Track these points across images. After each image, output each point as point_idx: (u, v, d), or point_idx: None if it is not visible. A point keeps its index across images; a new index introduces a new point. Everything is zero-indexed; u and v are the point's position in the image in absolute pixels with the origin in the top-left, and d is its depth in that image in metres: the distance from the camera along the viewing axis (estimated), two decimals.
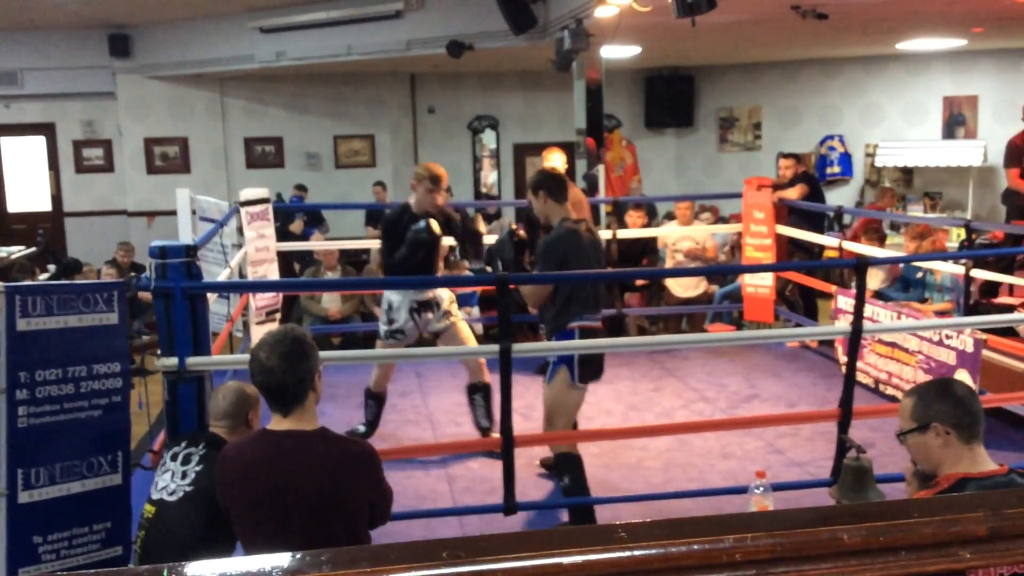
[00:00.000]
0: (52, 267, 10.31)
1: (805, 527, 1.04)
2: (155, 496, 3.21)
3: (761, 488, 3.47)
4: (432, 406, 6.44)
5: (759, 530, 1.05)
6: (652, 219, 9.92)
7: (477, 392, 5.59)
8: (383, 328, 5.47)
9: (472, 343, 5.63)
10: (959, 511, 1.02)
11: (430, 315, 5.43)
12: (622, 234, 8.14)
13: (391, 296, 5.43)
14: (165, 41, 11.84)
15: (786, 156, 8.81)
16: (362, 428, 5.71)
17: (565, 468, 4.47)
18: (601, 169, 9.28)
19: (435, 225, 5.19)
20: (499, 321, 4.13)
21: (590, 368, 4.52)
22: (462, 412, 6.28)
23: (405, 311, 5.38)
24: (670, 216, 9.68)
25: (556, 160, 6.56)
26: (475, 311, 8.87)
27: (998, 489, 2.29)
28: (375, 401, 5.70)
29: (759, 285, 8.02)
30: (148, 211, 12.43)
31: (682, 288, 8.58)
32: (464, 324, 5.65)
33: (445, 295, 5.53)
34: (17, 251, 10.50)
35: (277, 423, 2.63)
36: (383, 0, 9.93)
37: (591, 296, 4.48)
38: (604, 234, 8.18)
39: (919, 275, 7.31)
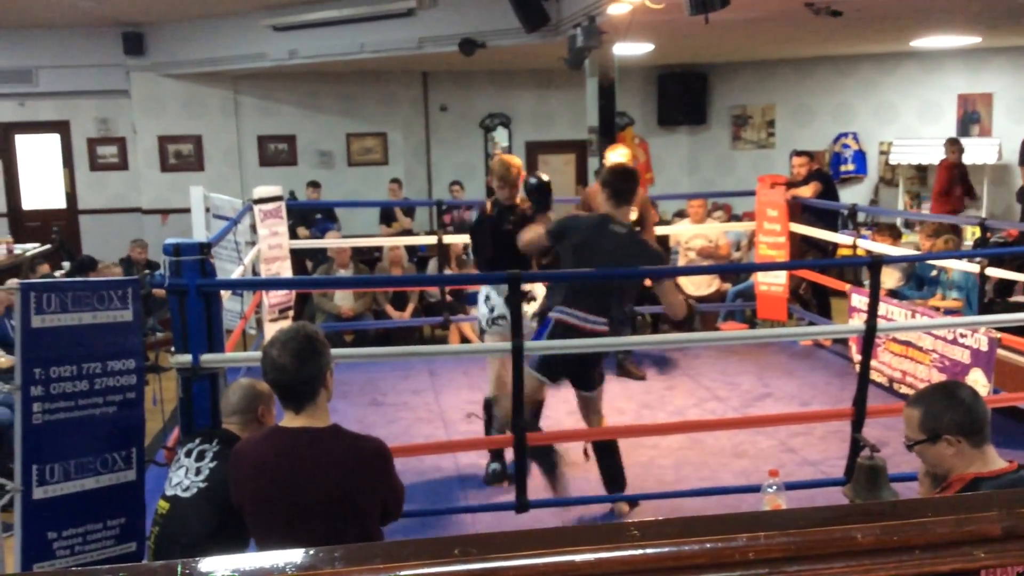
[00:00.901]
0: (67, 264, 10.37)
1: (818, 526, 1.04)
2: (169, 492, 3.22)
3: (774, 487, 3.46)
4: (445, 404, 6.45)
5: (772, 529, 1.04)
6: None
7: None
8: (484, 319, 5.21)
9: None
10: (973, 510, 1.02)
11: (525, 306, 4.91)
12: None
13: (487, 289, 5.23)
14: (179, 39, 11.88)
15: (799, 154, 8.78)
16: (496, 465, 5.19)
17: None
18: None
19: (542, 181, 5.17)
20: (511, 320, 4.13)
21: (548, 367, 4.46)
22: (475, 409, 6.28)
23: (502, 298, 5.04)
24: (682, 214, 9.66)
25: (619, 155, 6.34)
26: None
27: (1011, 487, 2.29)
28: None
29: (772, 283, 8.00)
30: (162, 209, 12.48)
31: (695, 286, 8.56)
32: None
33: (540, 292, 5.15)
34: (32, 248, 10.56)
35: (290, 420, 2.64)
36: None
37: (582, 293, 4.40)
38: None
39: (933, 273, 7.27)
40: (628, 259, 4.44)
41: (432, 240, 8.14)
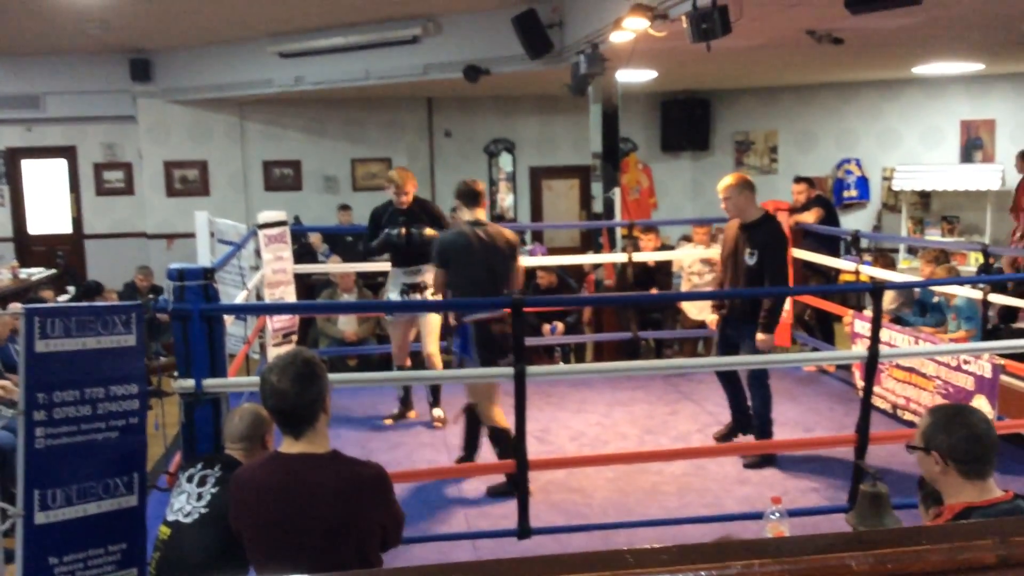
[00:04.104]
0: (72, 289, 10.40)
1: (813, 554, 1.04)
2: (171, 518, 3.22)
3: (777, 514, 3.45)
4: (447, 429, 6.43)
5: (766, 556, 1.04)
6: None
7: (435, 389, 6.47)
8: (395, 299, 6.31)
9: (437, 330, 6.27)
10: (968, 538, 1.02)
11: (418, 296, 6.29)
12: (638, 257, 8.15)
13: (389, 282, 6.42)
14: (185, 66, 11.98)
15: (799, 180, 8.80)
16: (395, 410, 6.51)
17: (499, 441, 5.06)
18: (617, 192, 9.31)
19: (403, 238, 6.14)
20: (513, 344, 4.14)
21: (490, 351, 5.01)
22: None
23: (396, 293, 6.31)
24: (687, 238, 9.67)
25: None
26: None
27: (1004, 516, 2.29)
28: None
29: None
30: (167, 233, 12.54)
31: (698, 311, 8.55)
32: (437, 317, 6.30)
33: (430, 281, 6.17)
34: (37, 272, 10.61)
35: (289, 446, 2.64)
36: (401, 25, 10.02)
37: (478, 291, 5.06)
38: (619, 257, 8.20)
39: (935, 299, 7.27)
40: (496, 250, 5.16)
41: None
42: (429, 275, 6.02)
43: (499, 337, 5.00)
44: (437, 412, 6.44)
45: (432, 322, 6.28)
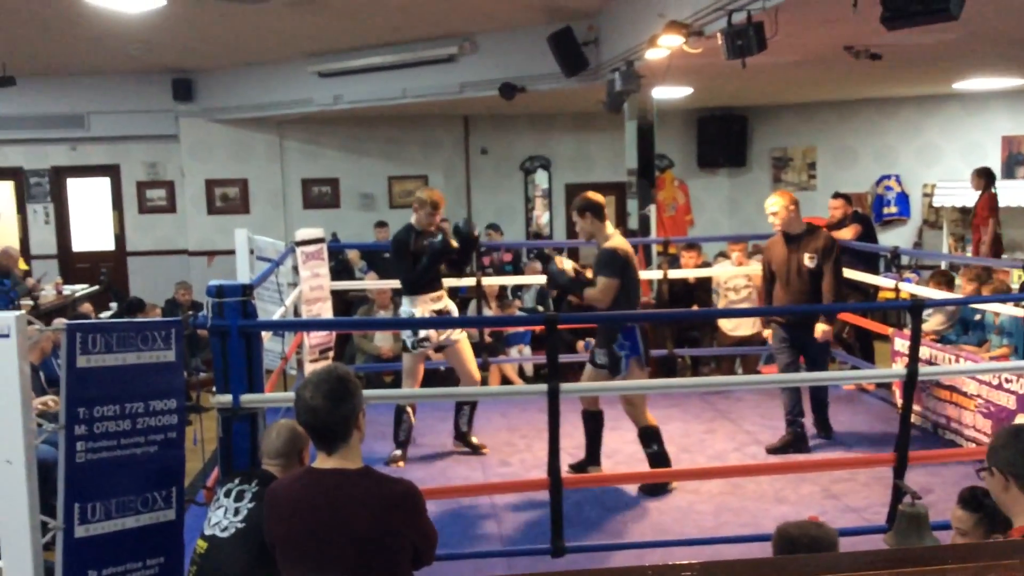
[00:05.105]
0: (114, 305, 10.57)
1: (836, 572, 1.03)
2: (208, 532, 3.25)
3: None
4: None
5: (791, 574, 1.04)
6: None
7: (466, 404, 6.32)
8: (409, 341, 5.95)
9: (472, 360, 6.17)
10: (994, 558, 1.01)
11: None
12: (673, 274, 8.12)
13: (410, 309, 6.00)
14: (227, 86, 12.17)
15: (836, 196, 8.73)
16: (398, 452, 6.13)
17: (650, 438, 5.37)
18: (653, 209, 9.29)
19: (452, 239, 5.83)
20: (547, 361, 4.14)
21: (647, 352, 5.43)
22: (512, 451, 6.28)
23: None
24: (723, 255, 9.62)
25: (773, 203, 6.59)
26: (527, 350, 8.89)
27: None
28: (406, 416, 6.16)
29: None
30: (208, 251, 12.70)
31: (734, 326, 8.50)
32: (467, 342, 6.19)
33: (455, 309, 6.29)
34: (80, 289, 10.79)
35: (322, 461, 2.66)
36: (437, 44, 10.11)
37: (639, 303, 5.50)
38: (655, 274, 8.18)
39: (977, 317, 7.16)
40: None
41: (471, 282, 8.19)
42: (451, 303, 6.15)
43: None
44: (475, 439, 6.36)
45: (468, 349, 6.16)
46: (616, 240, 5.35)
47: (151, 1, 7.20)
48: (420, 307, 5.95)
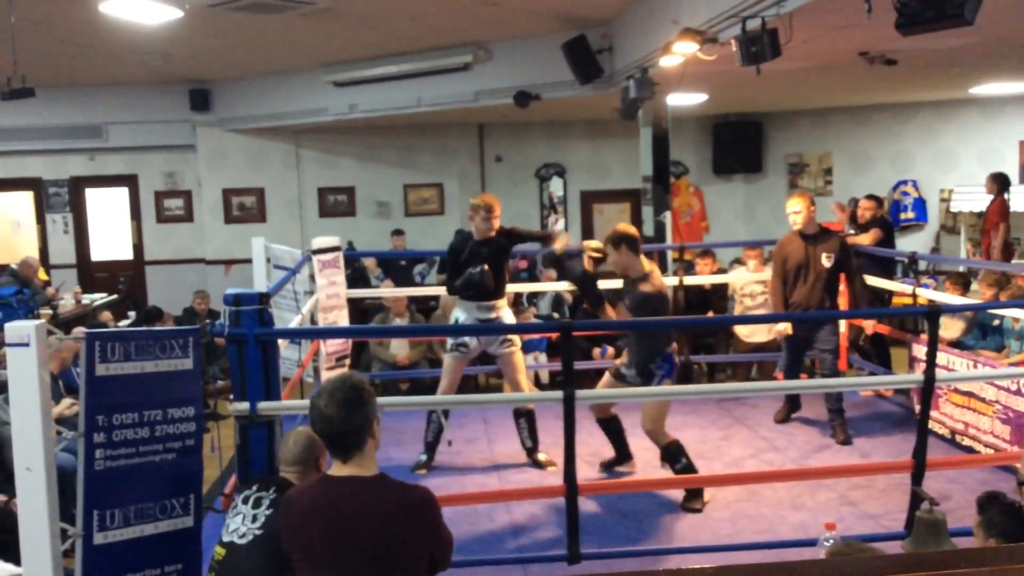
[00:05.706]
0: (132, 314, 10.64)
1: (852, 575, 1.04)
2: (225, 538, 3.27)
3: (831, 541, 3.40)
4: (498, 452, 6.44)
5: None
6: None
7: (521, 416, 6.10)
8: (449, 341, 5.99)
9: (523, 371, 6.04)
10: (1008, 562, 1.01)
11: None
12: (689, 281, 8.11)
13: (458, 313, 6.00)
14: (243, 96, 12.26)
15: (868, 198, 8.68)
16: (423, 457, 6.08)
17: (675, 455, 5.28)
18: (668, 215, 9.29)
19: (488, 277, 5.74)
20: (563, 368, 4.15)
21: (684, 375, 5.51)
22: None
23: (467, 321, 5.95)
24: (739, 261, 9.60)
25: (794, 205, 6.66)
26: (543, 357, 8.89)
27: None
28: (435, 417, 6.11)
29: None
30: (226, 259, 12.78)
31: (750, 332, 8.47)
32: (520, 354, 6.04)
33: (509, 319, 6.10)
34: (99, 298, 10.87)
35: (338, 469, 2.67)
36: (452, 53, 10.15)
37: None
38: (671, 280, 8.17)
39: (995, 322, 7.12)
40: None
41: None
42: (506, 313, 6.01)
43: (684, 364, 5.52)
44: (542, 456, 6.07)
45: (520, 360, 6.00)
46: (655, 280, 5.24)
47: (169, 13, 7.26)
48: (465, 313, 5.95)
